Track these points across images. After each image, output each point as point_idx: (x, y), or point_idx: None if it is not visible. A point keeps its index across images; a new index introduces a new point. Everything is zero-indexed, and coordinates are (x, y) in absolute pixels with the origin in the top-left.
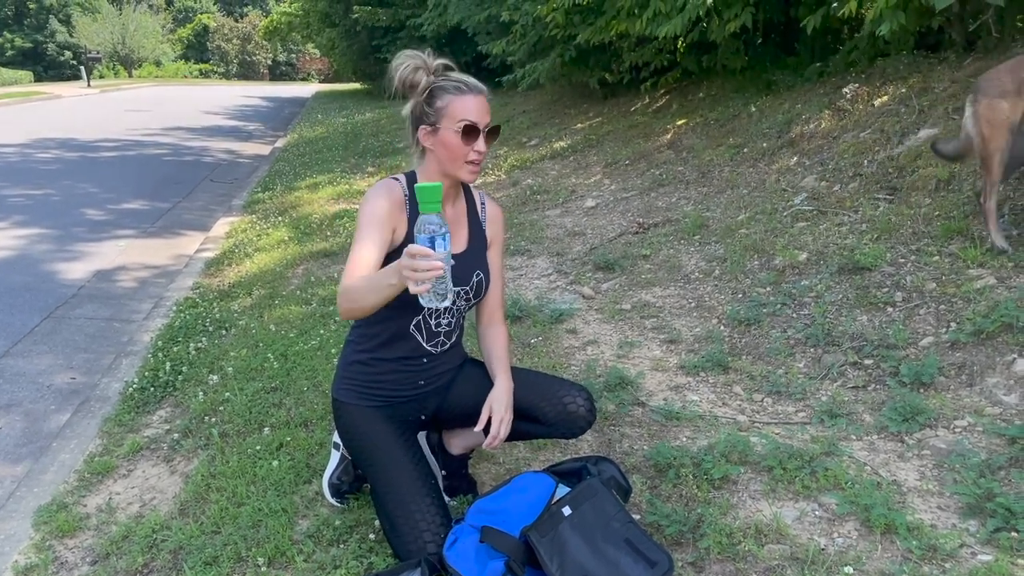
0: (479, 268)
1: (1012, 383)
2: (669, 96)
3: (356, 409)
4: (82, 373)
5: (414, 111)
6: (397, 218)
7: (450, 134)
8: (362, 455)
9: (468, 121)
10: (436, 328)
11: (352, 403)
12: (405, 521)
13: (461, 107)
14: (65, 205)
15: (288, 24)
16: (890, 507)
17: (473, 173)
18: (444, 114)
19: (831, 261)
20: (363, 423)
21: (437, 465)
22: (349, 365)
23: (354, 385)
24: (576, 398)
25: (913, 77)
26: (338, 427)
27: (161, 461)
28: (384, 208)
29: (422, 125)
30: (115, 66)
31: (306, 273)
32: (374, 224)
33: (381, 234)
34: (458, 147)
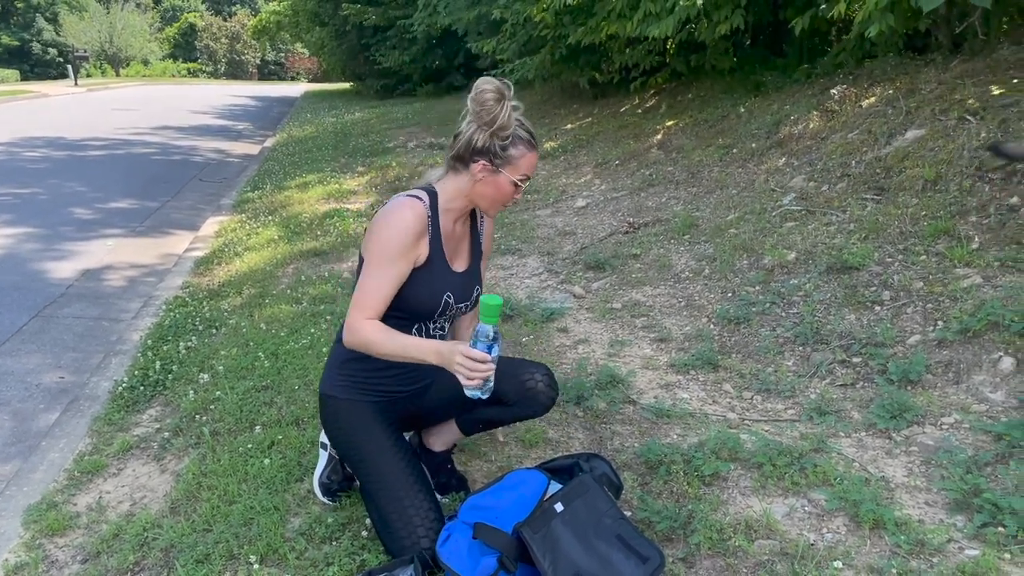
0: (477, 283)
1: (998, 380)
2: (659, 97)
3: (349, 404)
4: (71, 372)
5: (480, 142)
6: (421, 245)
7: (507, 182)
8: (352, 451)
9: (528, 177)
10: (432, 333)
11: (345, 398)
12: (399, 516)
13: (528, 163)
14: (53, 204)
15: (277, 23)
16: (878, 503)
17: (496, 213)
18: (512, 162)
19: (819, 260)
20: (355, 419)
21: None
22: (345, 363)
23: (352, 382)
24: (535, 374)
25: (900, 79)
26: (326, 424)
27: (151, 460)
28: (411, 238)
29: (484, 159)
30: (102, 65)
31: (296, 272)
32: (396, 256)
33: (401, 267)
34: (508, 195)
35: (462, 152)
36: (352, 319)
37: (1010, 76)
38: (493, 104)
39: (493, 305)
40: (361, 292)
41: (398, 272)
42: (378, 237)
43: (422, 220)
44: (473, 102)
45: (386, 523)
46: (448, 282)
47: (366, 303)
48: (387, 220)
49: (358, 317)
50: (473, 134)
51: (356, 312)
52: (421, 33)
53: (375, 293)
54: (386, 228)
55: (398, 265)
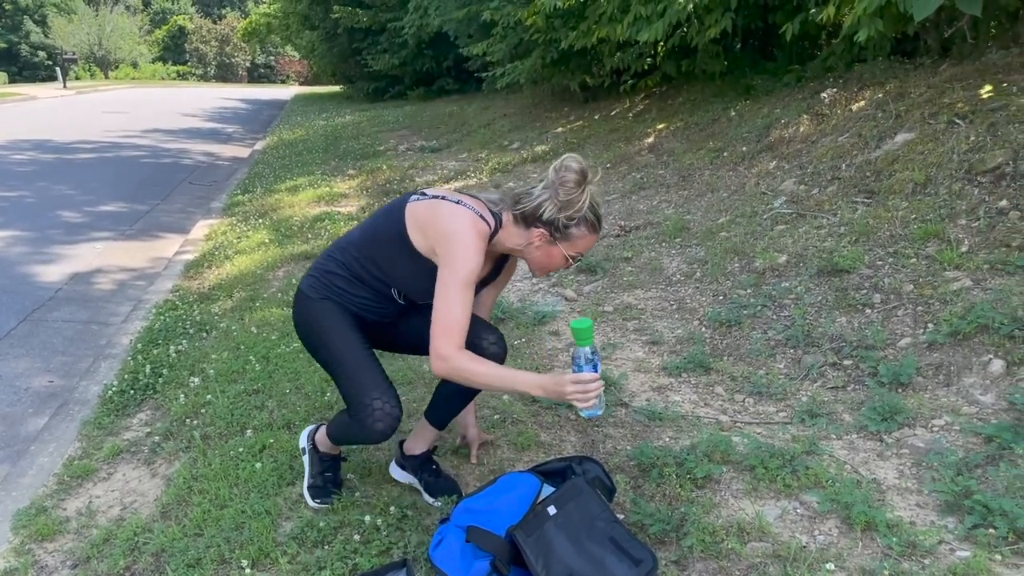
0: None
1: (988, 383)
2: (649, 100)
3: (322, 305)
4: (60, 376)
5: (548, 214)
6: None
7: (560, 255)
8: (319, 340)
9: (582, 256)
10: (400, 300)
11: (319, 299)
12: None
13: (586, 244)
14: (41, 207)
15: (267, 26)
16: (870, 505)
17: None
18: (570, 239)
19: (810, 263)
20: (325, 317)
21: (414, 479)
22: (329, 274)
23: (331, 293)
24: (488, 337)
25: (890, 82)
26: (299, 317)
27: (142, 464)
28: (480, 262)
29: (543, 229)
30: (91, 67)
31: (287, 275)
32: (473, 278)
33: (473, 290)
34: (558, 266)
35: (528, 214)
36: (445, 349)
37: (999, 80)
38: (573, 187)
39: (585, 329)
40: (449, 317)
41: (472, 295)
42: (458, 264)
43: (485, 242)
44: (555, 175)
45: (347, 397)
46: None
47: (456, 331)
48: (466, 244)
49: (451, 346)
50: (544, 203)
51: (447, 340)
52: (412, 36)
53: (463, 319)
54: (466, 255)
55: (470, 292)
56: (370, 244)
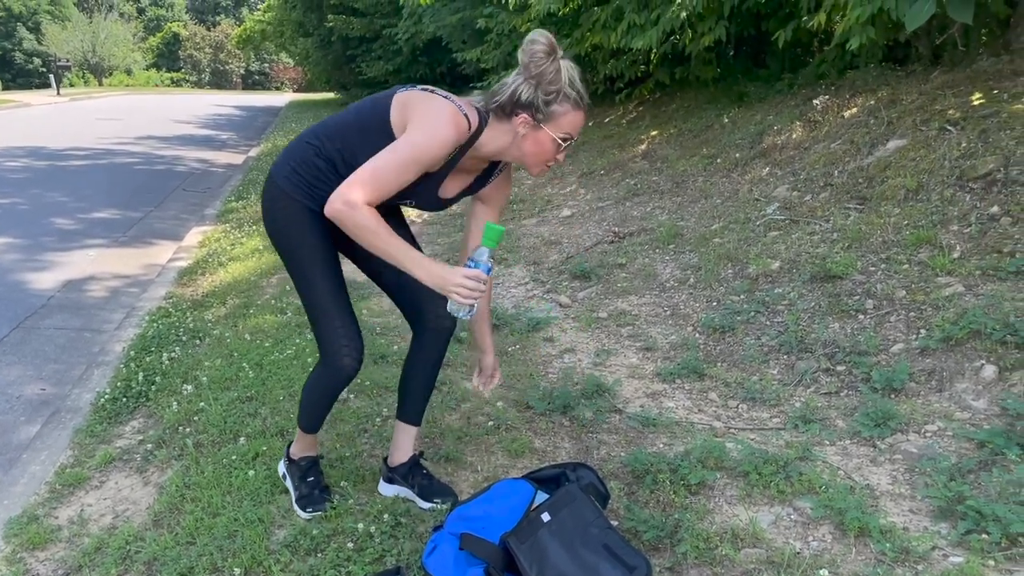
0: (442, 209)
1: (980, 388)
2: (643, 107)
3: (291, 201)
4: (52, 384)
5: (525, 95)
6: (444, 157)
7: (549, 139)
8: (284, 247)
9: (571, 137)
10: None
11: (289, 194)
12: (326, 329)
13: (572, 122)
14: (34, 214)
15: (261, 33)
16: (863, 511)
17: (540, 173)
18: (555, 119)
19: (803, 269)
20: (292, 216)
21: (409, 490)
22: (305, 161)
23: (303, 183)
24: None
25: (882, 89)
26: (269, 211)
27: (134, 472)
28: (447, 152)
29: (525, 112)
30: (85, 74)
31: (281, 282)
32: (426, 163)
33: (421, 169)
34: (549, 153)
35: (506, 103)
36: (354, 195)
37: (989, 87)
38: (543, 58)
39: (499, 232)
40: (376, 174)
41: (416, 174)
42: (419, 136)
43: (458, 143)
44: (523, 54)
45: (316, 330)
46: (423, 194)
47: (375, 187)
48: (436, 126)
49: (362, 195)
50: (519, 86)
51: (362, 189)
52: (406, 43)
53: (388, 183)
54: (431, 135)
55: (419, 168)
56: (350, 132)
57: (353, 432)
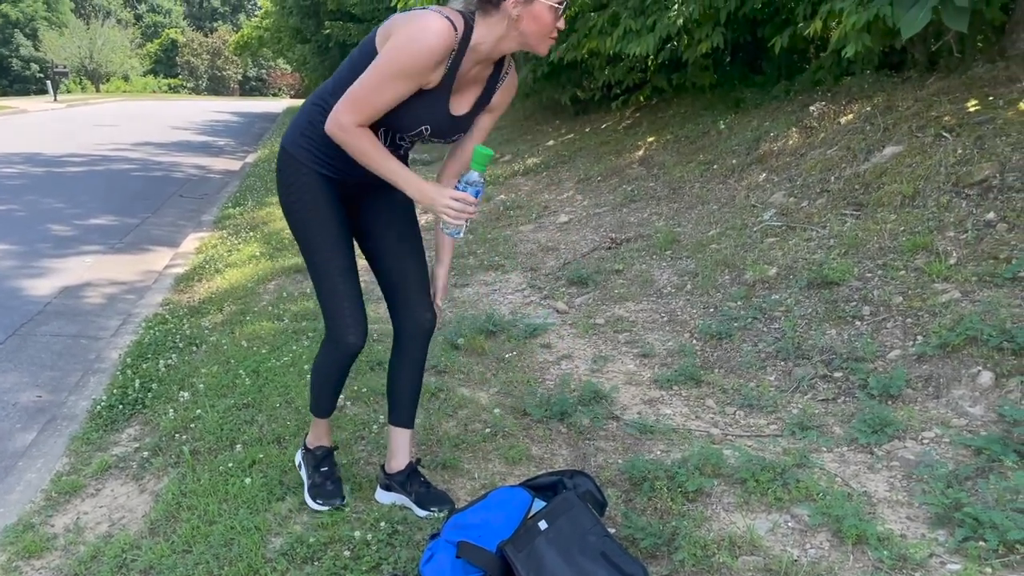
0: (465, 130)
1: (977, 395)
2: (640, 113)
3: (302, 167)
4: (48, 391)
5: None
6: (436, 72)
7: (545, 9)
8: (297, 217)
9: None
10: (399, 143)
11: (302, 161)
12: (333, 307)
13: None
14: (30, 221)
15: (259, 39)
16: (861, 518)
17: (549, 47)
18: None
19: (800, 276)
20: (304, 184)
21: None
22: (312, 123)
23: (313, 146)
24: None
25: (877, 96)
26: (279, 176)
27: (130, 480)
28: (431, 64)
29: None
30: (82, 81)
31: (278, 289)
32: (409, 76)
33: (409, 87)
34: (549, 24)
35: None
36: (345, 117)
37: (985, 93)
38: None
39: (486, 154)
40: (361, 93)
41: (402, 90)
42: (400, 47)
43: (447, 50)
44: None
45: (322, 303)
46: (435, 117)
47: (363, 108)
48: (414, 33)
49: (351, 118)
50: None
51: (350, 110)
52: None
53: (374, 102)
54: (409, 42)
55: (405, 83)
56: (348, 81)
57: (350, 439)
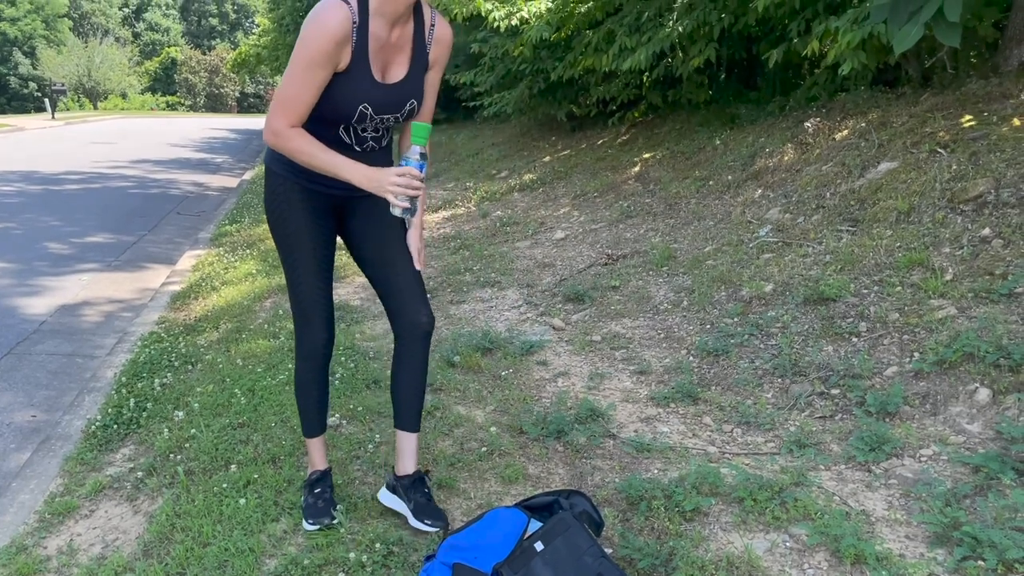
0: (414, 96)
1: (975, 412)
2: (636, 129)
3: (284, 180)
4: (43, 411)
5: None
6: (344, 51)
7: None
8: (278, 227)
9: None
10: (363, 134)
11: (281, 174)
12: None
13: None
14: (27, 239)
15: (256, 56)
16: (859, 537)
17: None
18: None
19: (796, 292)
20: (285, 195)
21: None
22: None
23: (286, 159)
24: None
25: (872, 112)
26: (265, 196)
27: (124, 500)
28: (332, 44)
29: None
30: (80, 98)
31: (274, 306)
32: (316, 62)
33: (321, 74)
34: None
35: None
36: (276, 122)
37: (979, 109)
38: None
39: (425, 127)
40: (283, 95)
41: (318, 79)
42: (303, 39)
43: (346, 25)
44: None
45: (292, 311)
46: (367, 93)
47: (289, 107)
48: (311, 24)
49: (282, 122)
50: None
51: (280, 115)
52: None
53: (298, 98)
54: (308, 33)
55: (317, 72)
56: None
57: (345, 459)
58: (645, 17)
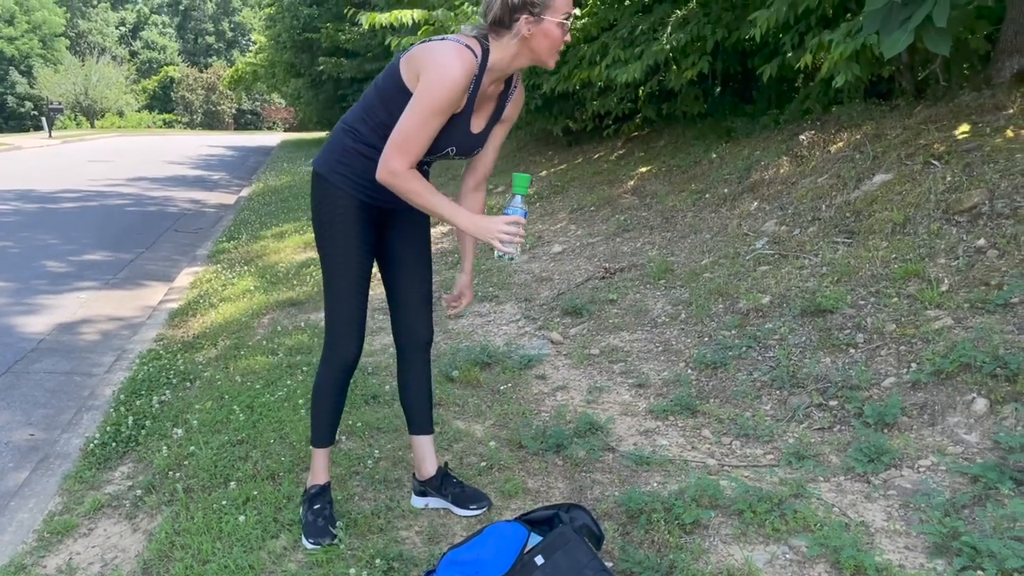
0: (482, 144)
1: (972, 422)
2: (632, 143)
3: (338, 192)
4: (42, 429)
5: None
6: (463, 100)
7: (553, 26)
8: (325, 235)
9: (571, 13)
10: (423, 165)
11: (339, 187)
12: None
13: (565, 0)
14: (24, 258)
15: (253, 74)
16: (859, 548)
17: (556, 60)
18: (550, 5)
19: (794, 304)
20: (339, 208)
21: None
22: (346, 150)
23: (348, 172)
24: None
25: (866, 124)
26: (314, 199)
27: (123, 519)
28: (459, 94)
29: (525, 14)
30: (77, 117)
31: (272, 323)
32: (443, 110)
33: (445, 119)
34: (558, 39)
35: (500, 15)
36: (396, 164)
37: (972, 120)
38: None
39: (525, 177)
40: (405, 135)
41: (439, 124)
42: (431, 85)
43: (470, 76)
44: None
45: (327, 319)
46: (459, 138)
47: (410, 149)
48: (442, 70)
49: (402, 162)
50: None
51: (399, 155)
52: None
53: (419, 141)
54: (440, 79)
55: (440, 118)
56: (375, 108)
57: (345, 475)
58: (639, 31)
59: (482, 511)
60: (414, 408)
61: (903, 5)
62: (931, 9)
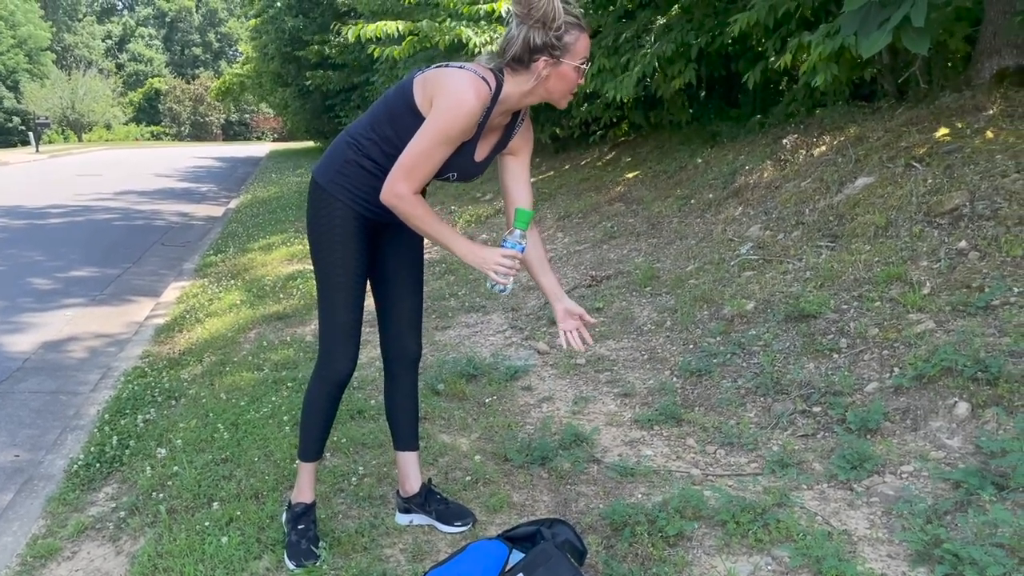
0: (480, 172)
1: (954, 427)
2: (618, 149)
3: (336, 202)
4: (26, 450)
5: (538, 39)
6: (474, 125)
7: (570, 70)
8: (322, 246)
9: (587, 58)
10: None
11: (337, 198)
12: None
13: (584, 45)
14: (10, 275)
15: (240, 84)
16: (841, 557)
17: (568, 102)
18: (569, 49)
19: (777, 309)
20: (337, 219)
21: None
22: (348, 163)
23: (347, 183)
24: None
25: (849, 127)
26: (311, 207)
27: (107, 541)
28: (472, 123)
29: (545, 56)
30: (64, 131)
31: (259, 337)
32: (456, 139)
33: (454, 147)
34: (573, 82)
35: (519, 54)
36: (401, 188)
37: (953, 122)
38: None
39: (527, 213)
40: (414, 160)
41: (448, 151)
42: (446, 113)
43: (484, 106)
44: (517, 5)
45: (320, 333)
46: (461, 164)
47: (417, 174)
48: (457, 99)
49: (408, 186)
50: (528, 35)
51: (406, 179)
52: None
53: (427, 167)
54: (454, 108)
55: (450, 147)
56: (382, 124)
57: (329, 492)
58: (623, 39)
59: (467, 527)
60: (400, 424)
61: (881, 6)
62: (909, 10)
